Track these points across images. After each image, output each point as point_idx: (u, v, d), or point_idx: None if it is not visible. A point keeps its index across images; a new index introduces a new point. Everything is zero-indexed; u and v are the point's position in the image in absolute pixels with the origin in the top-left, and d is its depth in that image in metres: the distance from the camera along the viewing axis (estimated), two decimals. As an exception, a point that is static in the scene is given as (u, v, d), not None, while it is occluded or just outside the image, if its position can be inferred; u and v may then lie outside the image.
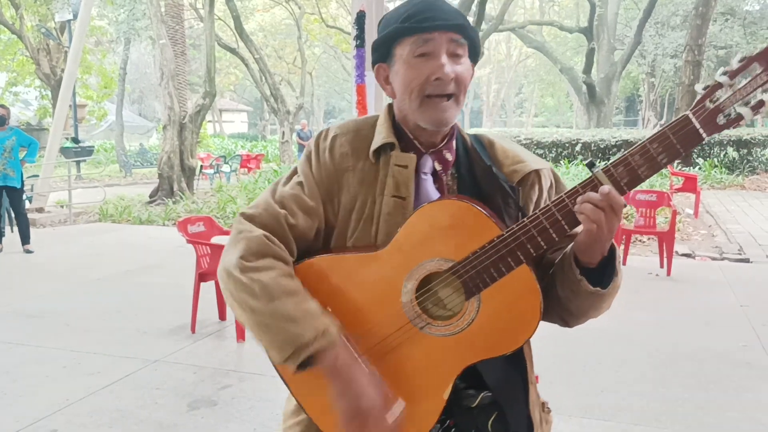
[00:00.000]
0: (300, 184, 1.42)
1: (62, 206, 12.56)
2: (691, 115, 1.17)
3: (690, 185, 11.91)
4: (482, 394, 1.37)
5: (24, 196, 11.17)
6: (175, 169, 14.14)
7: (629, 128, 31.14)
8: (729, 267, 7.59)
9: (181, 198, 13.49)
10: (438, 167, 1.41)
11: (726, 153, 17.53)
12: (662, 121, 31.08)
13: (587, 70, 26.93)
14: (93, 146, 25.37)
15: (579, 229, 1.26)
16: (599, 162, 1.21)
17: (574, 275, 1.30)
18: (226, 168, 19.46)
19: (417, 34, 1.33)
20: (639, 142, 1.21)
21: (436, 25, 1.32)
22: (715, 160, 17.34)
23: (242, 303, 1.30)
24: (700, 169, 16.74)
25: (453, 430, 1.38)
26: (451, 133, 1.44)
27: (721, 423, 3.68)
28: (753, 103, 1.16)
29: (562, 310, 1.38)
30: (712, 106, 1.17)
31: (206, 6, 15.15)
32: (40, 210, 12.11)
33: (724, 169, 16.74)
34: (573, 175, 14.76)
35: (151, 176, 19.49)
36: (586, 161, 1.25)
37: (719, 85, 1.17)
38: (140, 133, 35.88)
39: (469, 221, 1.28)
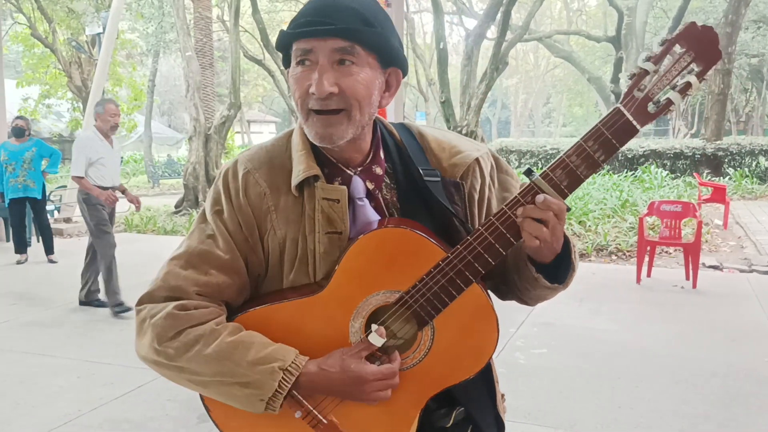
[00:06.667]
0: (211, 236, 1.27)
1: (89, 216, 12.68)
2: (622, 107, 1.12)
3: (719, 196, 11.68)
4: (455, 410, 1.31)
5: (52, 207, 11.37)
6: (200, 180, 14.26)
7: (658, 138, 30.74)
8: (758, 279, 7.39)
9: (206, 208, 13.59)
10: (370, 186, 1.28)
11: (758, 162, 17.18)
12: (692, 131, 30.55)
13: (615, 79, 26.65)
14: (121, 157, 25.72)
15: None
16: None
17: (530, 273, 1.25)
18: (251, 178, 19.58)
19: (296, 42, 1.19)
20: (575, 142, 1.16)
21: (314, 31, 1.15)
22: (746, 169, 17.00)
23: (190, 381, 1.23)
24: (730, 179, 16.42)
25: None
26: (377, 142, 1.31)
27: (743, 442, 3.56)
28: (680, 86, 1.12)
29: (522, 295, 1.35)
30: (641, 95, 1.12)
31: (231, 19, 15.29)
32: (67, 220, 12.27)
33: (755, 179, 16.40)
34: (599, 185, 14.39)
35: (178, 187, 19.68)
36: (524, 170, 1.19)
37: (645, 72, 1.12)
38: (169, 144, 36.35)
39: (411, 247, 1.19)
